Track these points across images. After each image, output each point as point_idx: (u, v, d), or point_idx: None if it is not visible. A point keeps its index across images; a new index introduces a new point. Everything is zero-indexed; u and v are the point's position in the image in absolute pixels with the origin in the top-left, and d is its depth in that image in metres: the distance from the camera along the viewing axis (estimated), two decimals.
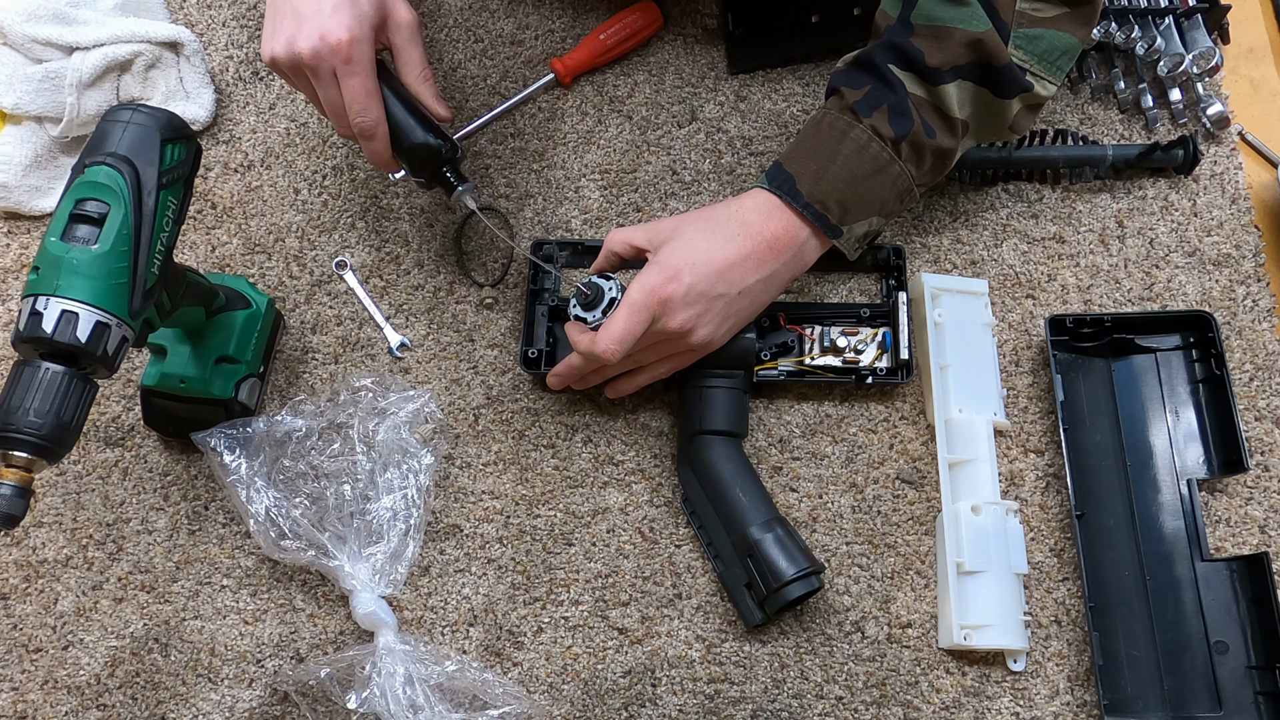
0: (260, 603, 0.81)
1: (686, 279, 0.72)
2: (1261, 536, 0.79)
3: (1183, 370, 0.83)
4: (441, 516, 0.82)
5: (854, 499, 0.81)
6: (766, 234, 0.74)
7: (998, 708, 0.75)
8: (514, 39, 0.99)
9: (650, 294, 0.72)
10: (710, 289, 0.72)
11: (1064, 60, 0.75)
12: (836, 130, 0.75)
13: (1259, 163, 0.92)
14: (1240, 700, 0.73)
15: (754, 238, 0.74)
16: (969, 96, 0.74)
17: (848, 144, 0.74)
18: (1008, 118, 0.76)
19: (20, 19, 0.90)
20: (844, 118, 0.75)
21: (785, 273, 0.76)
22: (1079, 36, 0.75)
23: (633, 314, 0.72)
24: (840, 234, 0.76)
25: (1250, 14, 0.98)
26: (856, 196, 0.74)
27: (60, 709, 0.78)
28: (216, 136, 0.97)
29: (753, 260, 0.74)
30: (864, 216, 0.76)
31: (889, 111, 0.73)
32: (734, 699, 0.76)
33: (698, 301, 0.72)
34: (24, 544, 0.83)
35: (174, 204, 0.66)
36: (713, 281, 0.72)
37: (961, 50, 0.72)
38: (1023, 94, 0.74)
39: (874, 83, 0.74)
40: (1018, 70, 0.73)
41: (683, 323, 0.72)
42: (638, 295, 0.72)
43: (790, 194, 0.74)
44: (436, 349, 0.88)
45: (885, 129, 0.73)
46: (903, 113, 0.73)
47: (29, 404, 0.59)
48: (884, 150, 0.74)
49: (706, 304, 0.73)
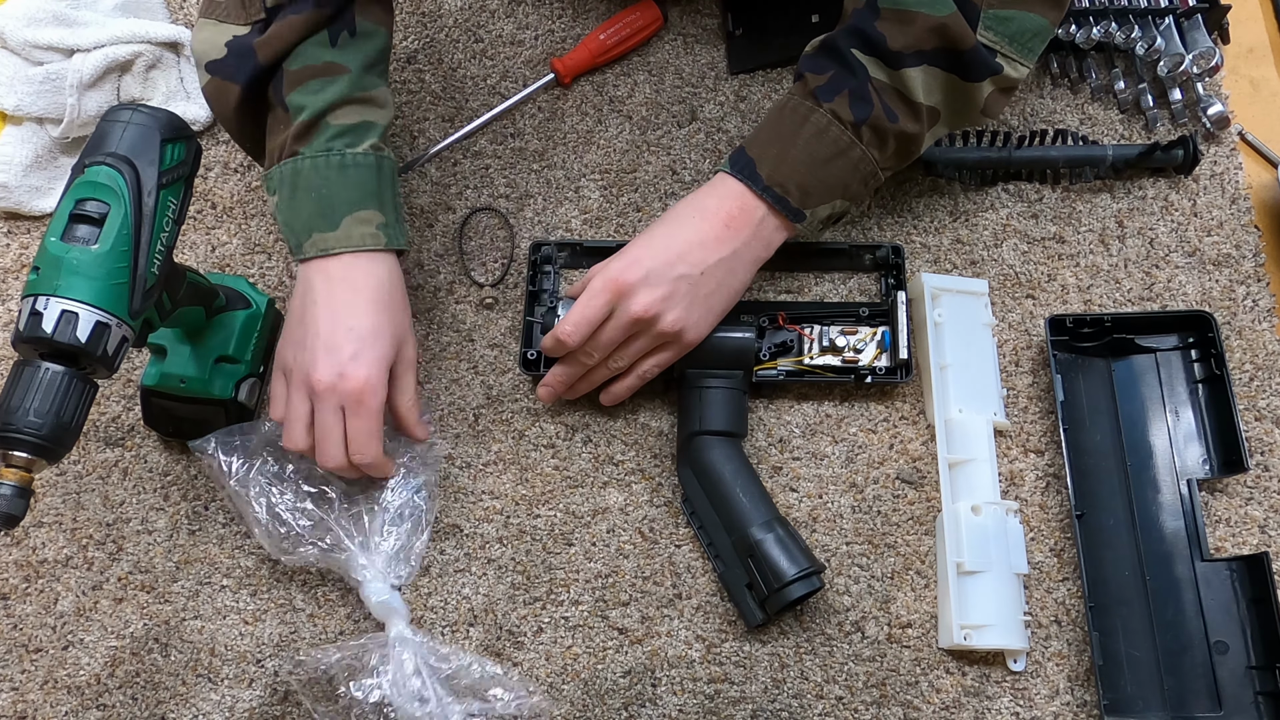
0: (260, 603, 0.81)
1: (646, 264, 0.74)
2: (1261, 536, 0.79)
3: (1183, 370, 0.83)
4: (441, 516, 0.82)
5: (854, 499, 0.81)
6: (722, 214, 0.75)
7: (998, 708, 0.75)
8: (514, 39, 0.99)
9: (608, 280, 0.74)
10: (670, 270, 0.74)
11: (1035, 42, 0.74)
12: (798, 115, 0.75)
13: (1259, 163, 0.92)
14: (1240, 700, 0.73)
15: (710, 219, 0.75)
16: (936, 82, 0.73)
17: (808, 128, 0.74)
18: (978, 101, 0.75)
19: (21, 23, 0.90)
20: (806, 103, 0.75)
21: (747, 252, 0.76)
22: (1050, 18, 0.74)
23: (590, 298, 0.75)
24: (803, 217, 0.76)
25: (1250, 14, 0.98)
26: (818, 180, 0.75)
27: (60, 709, 0.78)
28: (217, 136, 0.97)
29: (710, 240, 0.75)
30: (826, 200, 0.76)
31: (849, 96, 0.73)
32: (734, 699, 0.76)
33: (659, 284, 0.74)
34: (24, 544, 0.83)
35: (174, 204, 0.66)
36: (672, 263, 0.74)
37: (925, 35, 0.71)
38: (993, 76, 0.74)
39: (836, 67, 0.74)
40: (985, 53, 0.73)
41: (647, 306, 0.74)
42: (596, 281, 0.75)
43: (750, 177, 0.75)
44: (436, 349, 0.88)
45: (845, 113, 0.73)
46: (863, 97, 0.73)
47: (29, 404, 0.59)
48: (844, 134, 0.74)
49: (669, 285, 0.74)
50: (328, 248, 0.73)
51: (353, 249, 0.73)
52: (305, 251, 0.74)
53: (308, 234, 0.74)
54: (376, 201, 0.75)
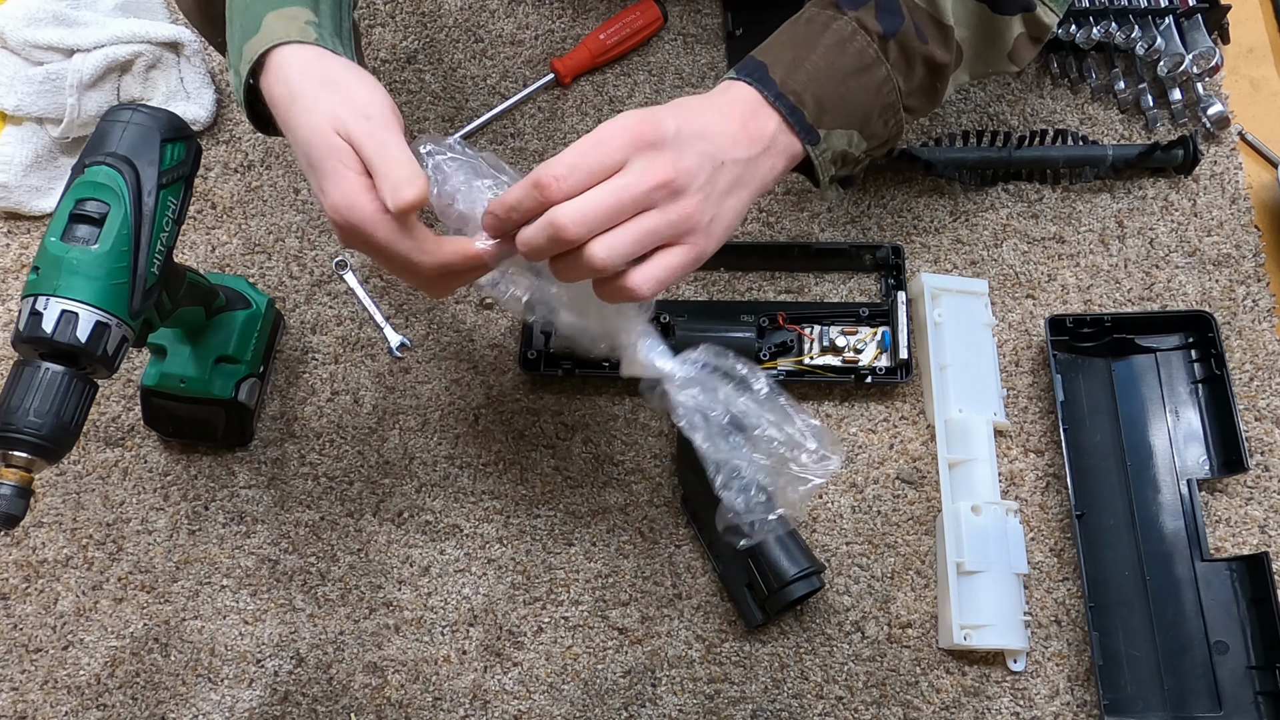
0: (260, 603, 0.81)
1: (671, 121, 0.57)
2: (1261, 536, 0.79)
3: (1183, 370, 0.83)
4: (441, 516, 0.82)
5: (854, 499, 0.81)
6: (738, 114, 0.62)
7: (998, 708, 0.75)
8: (514, 39, 0.99)
9: (626, 125, 0.56)
10: (698, 141, 0.58)
11: None
12: (817, 23, 0.66)
13: (1259, 163, 0.92)
14: (1240, 700, 0.73)
15: (729, 117, 0.62)
16: (965, 10, 0.68)
17: (829, 36, 0.65)
18: (1007, 40, 0.70)
19: (21, 24, 0.90)
20: (827, 11, 0.66)
21: (762, 167, 0.63)
22: None
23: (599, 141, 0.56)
24: (817, 139, 0.64)
25: (1250, 14, 0.98)
26: (837, 96, 0.64)
27: (60, 709, 0.78)
28: (216, 136, 0.97)
29: (730, 133, 0.61)
30: (843, 125, 0.65)
31: (877, 6, 0.65)
32: (734, 699, 0.76)
33: (688, 149, 0.57)
34: (24, 544, 0.83)
35: (174, 204, 0.66)
36: (700, 134, 0.59)
37: None
38: (1024, 12, 0.69)
39: None
40: None
41: (678, 169, 0.56)
42: (608, 126, 0.57)
43: (761, 82, 0.63)
44: (436, 349, 0.88)
45: (872, 23, 0.65)
46: (892, 10, 0.65)
47: (29, 404, 0.59)
48: (870, 46, 0.65)
49: (698, 158, 0.58)
50: (253, 56, 0.61)
51: (275, 42, 0.61)
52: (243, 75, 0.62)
53: (239, 57, 0.62)
54: (307, 1, 0.63)
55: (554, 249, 0.56)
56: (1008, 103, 0.94)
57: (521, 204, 0.57)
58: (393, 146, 0.58)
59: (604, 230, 0.55)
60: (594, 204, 0.55)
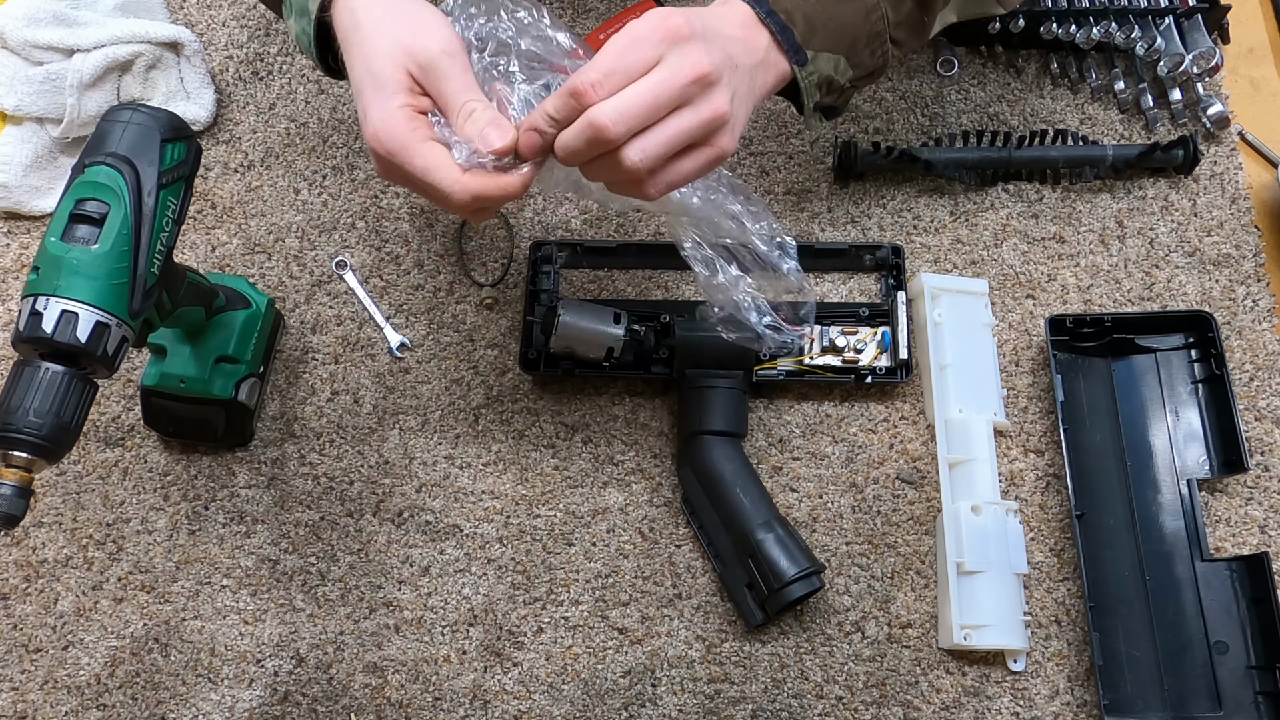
0: (260, 603, 0.81)
1: (697, 21, 0.57)
2: (1261, 536, 0.79)
3: (1183, 370, 0.83)
4: (441, 516, 0.82)
5: (854, 499, 0.81)
6: (739, 23, 0.63)
7: (998, 708, 0.75)
8: None
9: (656, 23, 0.56)
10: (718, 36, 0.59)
11: None
12: None
13: (1259, 163, 0.92)
14: (1240, 700, 0.73)
15: (733, 24, 0.63)
16: None
17: None
18: None
19: (21, 24, 0.90)
20: None
21: (759, 78, 0.63)
22: None
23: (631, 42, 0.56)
24: (805, 59, 0.64)
25: (1250, 14, 0.98)
26: (826, 17, 0.64)
27: (60, 709, 0.78)
28: (216, 136, 0.97)
29: (739, 40, 0.62)
30: (831, 48, 0.65)
31: None
32: (734, 699, 0.76)
33: (712, 41, 0.57)
34: (24, 544, 0.83)
35: (174, 204, 0.66)
36: (717, 32, 0.59)
37: None
38: None
39: None
40: None
41: (713, 63, 0.56)
42: (638, 25, 0.56)
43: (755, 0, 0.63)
44: (436, 349, 0.88)
45: None
46: None
47: (29, 404, 0.59)
48: None
49: (721, 54, 0.58)
50: None
51: None
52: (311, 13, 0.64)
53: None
54: None
55: (593, 151, 0.56)
56: (1008, 103, 0.94)
57: (560, 112, 0.57)
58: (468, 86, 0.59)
59: (642, 130, 0.55)
60: (633, 101, 0.55)
